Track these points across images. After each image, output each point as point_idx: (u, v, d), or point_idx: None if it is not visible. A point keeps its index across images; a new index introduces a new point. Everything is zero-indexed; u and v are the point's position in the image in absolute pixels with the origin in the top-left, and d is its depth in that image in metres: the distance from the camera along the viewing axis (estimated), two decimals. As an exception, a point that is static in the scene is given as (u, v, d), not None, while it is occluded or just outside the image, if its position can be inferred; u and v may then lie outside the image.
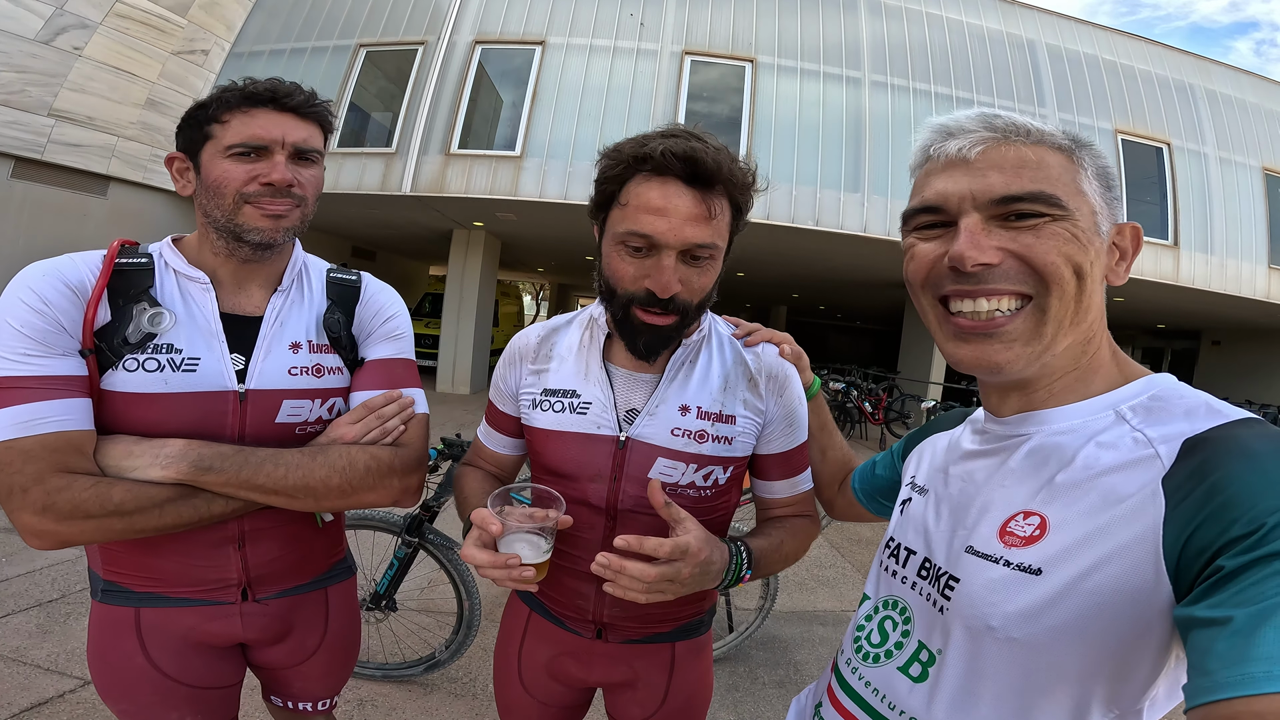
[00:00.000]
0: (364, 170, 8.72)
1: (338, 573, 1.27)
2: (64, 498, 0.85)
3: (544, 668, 1.16)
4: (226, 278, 1.05)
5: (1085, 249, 0.60)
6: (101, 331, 0.93)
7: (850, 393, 10.18)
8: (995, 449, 0.69)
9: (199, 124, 0.99)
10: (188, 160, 1.02)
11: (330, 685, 1.30)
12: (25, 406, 0.86)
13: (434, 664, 2.48)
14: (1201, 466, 0.51)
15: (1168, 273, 9.63)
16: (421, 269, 18.54)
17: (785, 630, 3.22)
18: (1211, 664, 0.42)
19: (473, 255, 10.91)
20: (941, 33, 9.60)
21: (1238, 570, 0.45)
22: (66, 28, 7.45)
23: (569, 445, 1.03)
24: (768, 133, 8.77)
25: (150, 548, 1.02)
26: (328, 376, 1.10)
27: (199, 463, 0.93)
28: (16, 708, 2.09)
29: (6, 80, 6.96)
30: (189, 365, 0.97)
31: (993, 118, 0.63)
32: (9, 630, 2.55)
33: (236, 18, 9.50)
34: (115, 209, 8.22)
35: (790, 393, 1.08)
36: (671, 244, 0.88)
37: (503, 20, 9.26)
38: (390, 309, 1.19)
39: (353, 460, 1.02)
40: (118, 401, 0.94)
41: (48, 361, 0.88)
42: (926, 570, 0.70)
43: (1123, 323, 17.32)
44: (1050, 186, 0.60)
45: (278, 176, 0.99)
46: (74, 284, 0.92)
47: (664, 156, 0.86)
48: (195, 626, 1.08)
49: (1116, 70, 10.06)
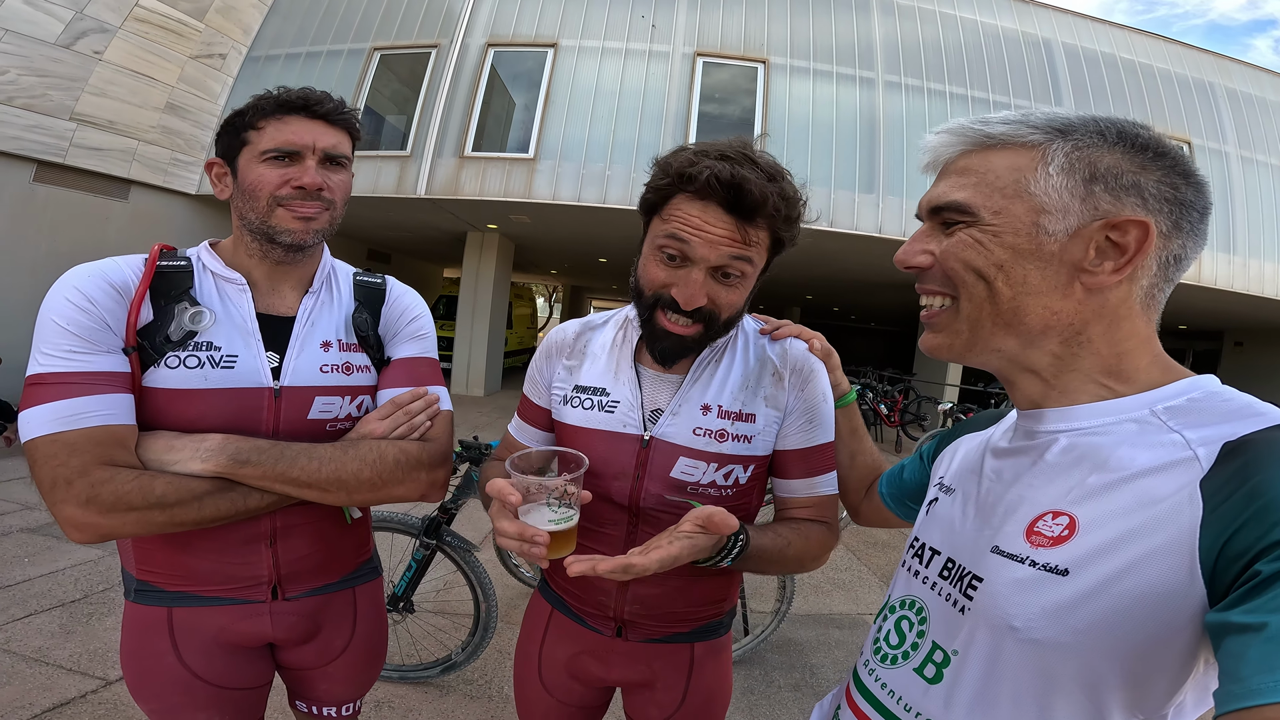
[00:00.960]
0: (379, 173, 8.78)
1: (365, 573, 1.29)
2: (107, 490, 0.87)
3: (564, 666, 1.17)
4: (261, 279, 1.09)
5: (989, 254, 0.61)
6: (144, 330, 0.97)
7: (865, 395, 10.12)
8: (1026, 447, 0.67)
9: (236, 130, 1.03)
10: (225, 165, 1.06)
11: (354, 689, 1.31)
12: (69, 401, 0.88)
13: (450, 666, 2.48)
14: (1242, 470, 0.50)
15: (1189, 273, 9.44)
16: (436, 271, 18.65)
17: (801, 633, 3.19)
18: (1245, 670, 0.41)
19: (487, 257, 10.96)
20: (956, 32, 9.53)
21: (1276, 575, 0.43)
22: (86, 32, 7.52)
23: (596, 442, 1.05)
24: (781, 134, 8.73)
25: (184, 546, 1.05)
26: (356, 374, 1.13)
27: (237, 456, 0.95)
28: (39, 708, 2.11)
29: (28, 84, 7.03)
30: (227, 362, 1.01)
31: (963, 128, 0.65)
32: (31, 630, 2.58)
33: (253, 21, 9.59)
34: (136, 212, 8.31)
35: (814, 388, 1.07)
36: (703, 259, 0.90)
37: (515, 23, 9.29)
38: (414, 310, 1.24)
39: (382, 454, 1.05)
40: (159, 398, 0.97)
41: (92, 358, 0.91)
42: (949, 570, 0.69)
43: (1142, 323, 17.07)
44: (969, 194, 0.62)
45: (308, 180, 1.03)
46: (118, 284, 0.96)
47: (708, 182, 0.86)
48: (226, 626, 1.10)
49: (1135, 69, 9.94)
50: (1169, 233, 0.59)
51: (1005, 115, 0.63)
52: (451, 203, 8.83)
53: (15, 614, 2.68)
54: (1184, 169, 0.59)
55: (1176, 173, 0.59)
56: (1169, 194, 0.58)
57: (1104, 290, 0.60)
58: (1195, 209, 0.59)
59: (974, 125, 0.64)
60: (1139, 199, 0.58)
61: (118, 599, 2.92)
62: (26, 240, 7.16)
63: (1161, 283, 0.61)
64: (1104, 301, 0.60)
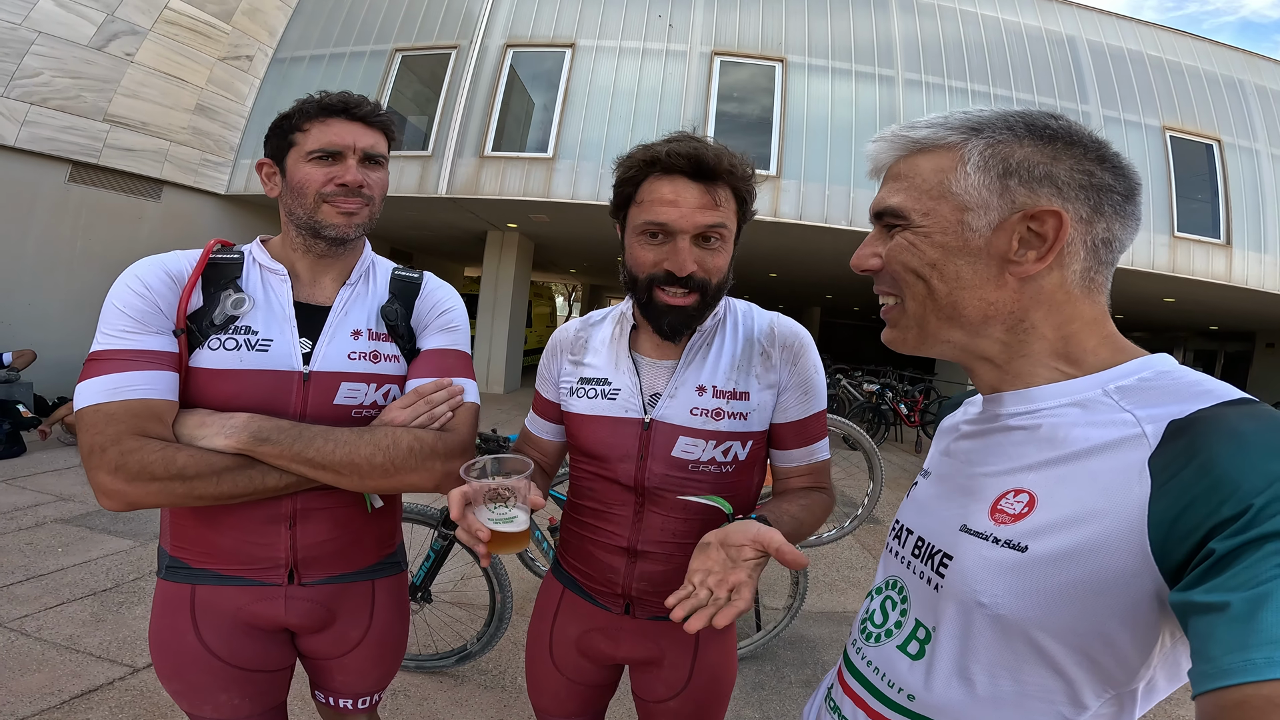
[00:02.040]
0: (402, 173, 8.90)
1: (386, 567, 1.30)
2: (134, 459, 0.93)
3: (574, 644, 1.23)
4: (304, 271, 1.16)
5: (922, 254, 0.65)
6: (194, 315, 1.05)
7: (885, 395, 10.06)
8: (989, 429, 0.70)
9: (284, 133, 1.11)
10: (275, 165, 1.14)
11: (371, 683, 1.32)
12: (115, 376, 0.96)
13: (466, 656, 2.54)
14: (1188, 447, 0.51)
15: (1220, 272, 9.30)
16: (457, 270, 18.82)
17: (814, 630, 3.20)
18: (1214, 650, 0.43)
19: (507, 256, 11.06)
20: (977, 29, 9.42)
21: (1230, 553, 0.45)
22: (118, 34, 7.69)
23: (601, 428, 1.13)
24: (799, 132, 8.70)
25: (211, 523, 1.10)
26: (384, 363, 1.17)
27: (258, 434, 1.01)
28: (67, 694, 2.18)
29: (62, 86, 7.20)
30: (262, 345, 1.07)
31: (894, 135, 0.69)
32: (63, 618, 2.66)
33: (278, 24, 9.75)
34: (168, 212, 8.50)
35: (805, 361, 1.13)
36: (684, 229, 0.99)
37: (533, 23, 9.36)
38: (447, 303, 1.27)
39: (397, 440, 1.07)
40: (201, 377, 1.05)
41: (142, 337, 0.99)
42: (920, 549, 0.72)
43: (1174, 324, 16.75)
44: (901, 199, 0.67)
45: (350, 178, 1.10)
46: (174, 272, 1.05)
47: (670, 157, 0.98)
48: (243, 606, 1.13)
49: (1163, 66, 9.75)
50: (1089, 218, 0.61)
51: (930, 119, 0.67)
52: (472, 202, 8.93)
53: (48, 602, 2.77)
54: (1099, 154, 0.62)
55: (1090, 159, 0.61)
56: (1083, 180, 0.61)
57: (1035, 278, 0.62)
58: (1116, 192, 0.61)
59: (901, 131, 0.68)
60: (1053, 188, 0.61)
61: (148, 588, 3.01)
62: (62, 240, 7.35)
63: (1097, 265, 0.63)
64: (1039, 289, 0.63)
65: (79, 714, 2.08)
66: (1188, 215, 9.32)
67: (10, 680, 2.20)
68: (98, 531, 3.64)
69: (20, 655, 2.36)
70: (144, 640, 2.55)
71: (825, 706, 0.83)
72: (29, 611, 2.67)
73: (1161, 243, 9.11)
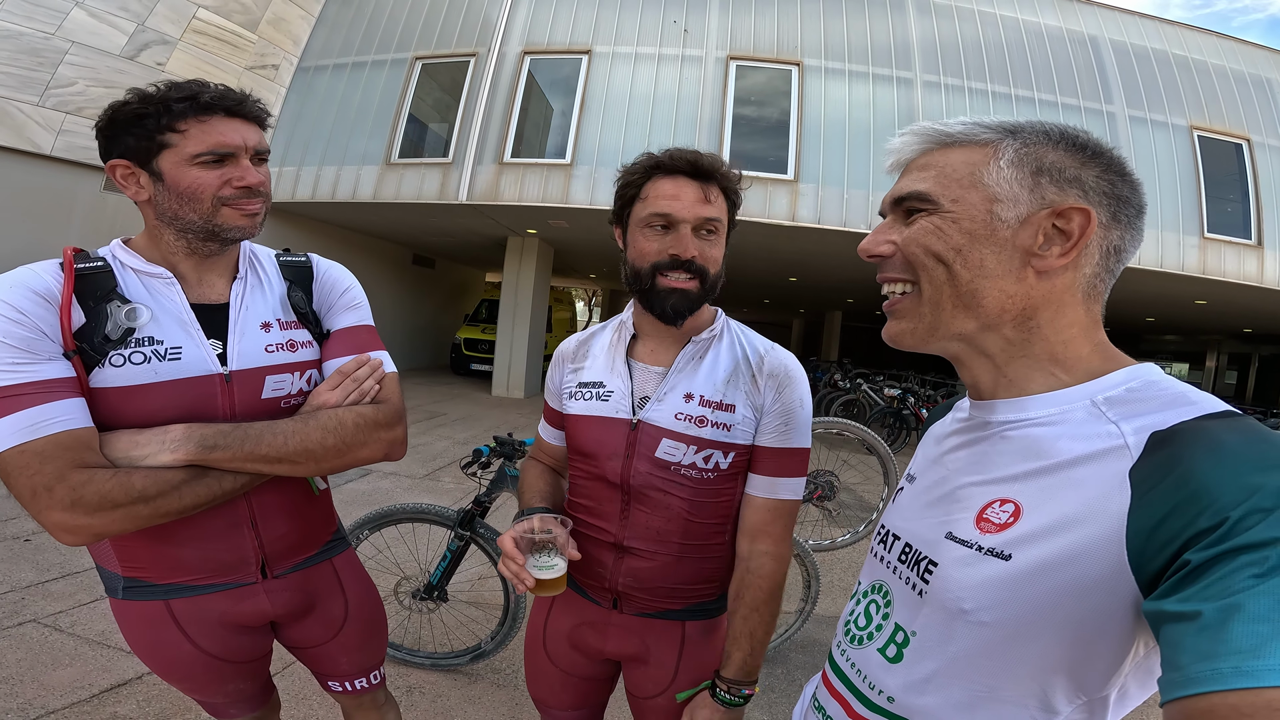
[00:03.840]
0: (423, 180, 9.02)
1: (337, 544, 1.36)
2: (90, 490, 0.90)
3: (566, 637, 1.29)
4: (188, 272, 1.10)
5: (948, 239, 0.66)
6: (79, 333, 0.97)
7: (907, 400, 9.96)
8: (979, 437, 0.71)
9: (147, 132, 1.00)
10: (135, 167, 1.03)
11: (371, 655, 1.39)
12: (25, 412, 0.89)
13: (480, 654, 2.57)
14: (1168, 459, 0.52)
15: (1252, 274, 9.07)
16: (478, 276, 19.00)
17: (826, 634, 3.19)
18: (1183, 659, 0.43)
19: (527, 262, 11.15)
20: (996, 30, 9.32)
21: (1205, 564, 0.46)
22: (149, 44, 7.88)
23: (593, 427, 1.20)
24: (817, 136, 8.68)
25: (168, 538, 1.08)
26: (301, 350, 1.18)
27: (204, 442, 0.99)
28: (97, 688, 2.24)
29: (96, 95, 7.40)
30: (173, 354, 1.03)
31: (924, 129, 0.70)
32: (96, 615, 2.73)
33: (302, 33, 9.94)
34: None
35: (790, 394, 1.17)
36: (687, 219, 1.10)
37: (549, 30, 9.45)
38: (344, 282, 1.28)
39: (341, 420, 1.10)
40: (111, 396, 0.98)
41: (38, 367, 0.92)
42: (906, 554, 0.73)
43: (1206, 327, 16.37)
44: (929, 184, 0.67)
45: (253, 180, 1.06)
46: (41, 291, 0.95)
47: (672, 160, 1.12)
48: (228, 610, 1.16)
49: (1189, 66, 9.56)
50: (1108, 223, 0.64)
51: (962, 119, 0.69)
52: (491, 208, 9.02)
53: (82, 599, 2.85)
54: (1120, 168, 0.64)
55: (1113, 170, 0.64)
56: (1107, 188, 0.63)
57: (1052, 275, 0.64)
58: (1131, 205, 0.64)
59: (934, 126, 0.70)
60: (1080, 191, 0.63)
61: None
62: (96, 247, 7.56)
63: (1103, 273, 0.65)
64: (1052, 287, 0.64)
65: (108, 708, 2.15)
66: (1218, 216, 9.12)
67: (43, 674, 2.28)
68: (128, 530, 3.73)
69: (53, 650, 2.44)
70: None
71: (811, 706, 0.84)
72: (63, 608, 2.76)
73: (1191, 244, 8.92)
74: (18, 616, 2.65)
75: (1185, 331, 18.47)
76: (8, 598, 2.79)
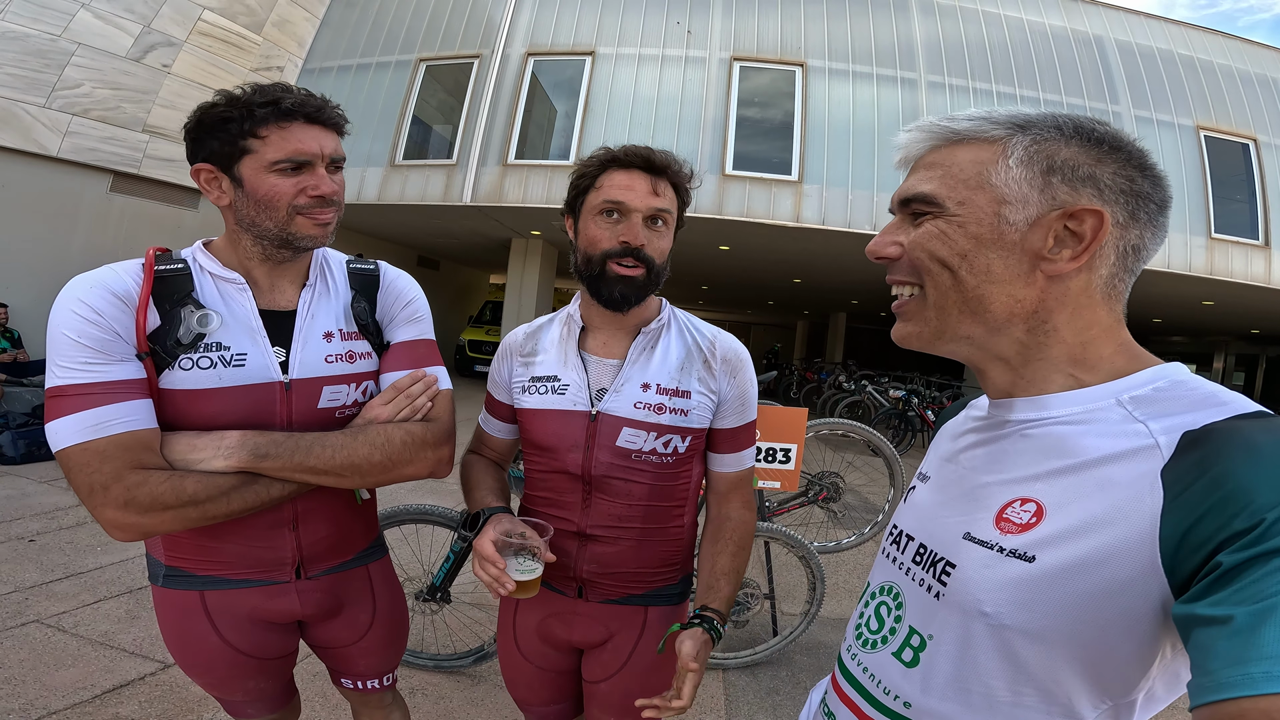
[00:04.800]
0: (427, 182, 9.04)
1: (375, 551, 1.37)
2: (143, 492, 0.93)
3: (535, 630, 1.31)
4: (261, 278, 1.12)
5: (953, 243, 0.63)
6: (153, 335, 1.00)
7: (912, 401, 9.92)
8: (997, 436, 0.69)
9: (231, 137, 1.01)
10: (218, 171, 1.05)
11: (389, 659, 1.40)
12: (93, 411, 0.92)
13: (483, 656, 2.57)
14: (1202, 460, 0.50)
15: (1259, 275, 9.03)
16: (483, 277, 19.02)
17: (831, 636, 3.18)
18: (1213, 663, 0.42)
19: (531, 264, 11.16)
20: (1000, 31, 9.30)
21: (1238, 567, 0.44)
22: (155, 45, 7.86)
23: (551, 421, 1.22)
24: (820, 136, 8.66)
25: (212, 533, 1.10)
26: (359, 361, 1.18)
27: (256, 450, 1.01)
28: (99, 689, 2.24)
29: (103, 97, 7.39)
30: (238, 361, 1.05)
31: (931, 125, 0.67)
32: (99, 615, 2.74)
33: (306, 35, 9.93)
34: (205, 221, 8.67)
35: (743, 376, 1.26)
36: (638, 208, 1.15)
37: (553, 32, 9.46)
38: (409, 294, 1.28)
39: (390, 437, 1.11)
40: (177, 398, 1.02)
41: (109, 367, 0.95)
42: (921, 556, 0.71)
43: (1214, 328, 16.30)
44: (935, 186, 0.65)
45: (327, 189, 1.06)
46: (120, 293, 0.98)
47: (626, 155, 1.17)
48: (259, 606, 1.18)
49: (1194, 65, 9.53)
50: (1125, 222, 0.61)
51: (971, 113, 0.65)
52: (496, 210, 9.03)
53: (85, 599, 2.85)
54: (1140, 162, 0.61)
55: (1132, 165, 0.61)
56: (1124, 185, 0.60)
57: (1064, 278, 0.61)
58: (1153, 201, 0.61)
59: (941, 122, 0.67)
60: (1095, 190, 0.60)
61: (178, 584, 3.09)
62: (105, 249, 7.54)
63: (1122, 273, 0.63)
64: (1065, 290, 0.62)
65: (109, 708, 2.14)
66: (1225, 216, 9.07)
67: (45, 675, 2.28)
68: (132, 531, 3.74)
69: (56, 650, 2.44)
70: (174, 637, 2.62)
71: (821, 711, 0.82)
72: (67, 608, 2.76)
73: (1199, 244, 8.88)
74: (21, 617, 2.65)
75: (1192, 332, 18.39)
76: (11, 598, 2.80)
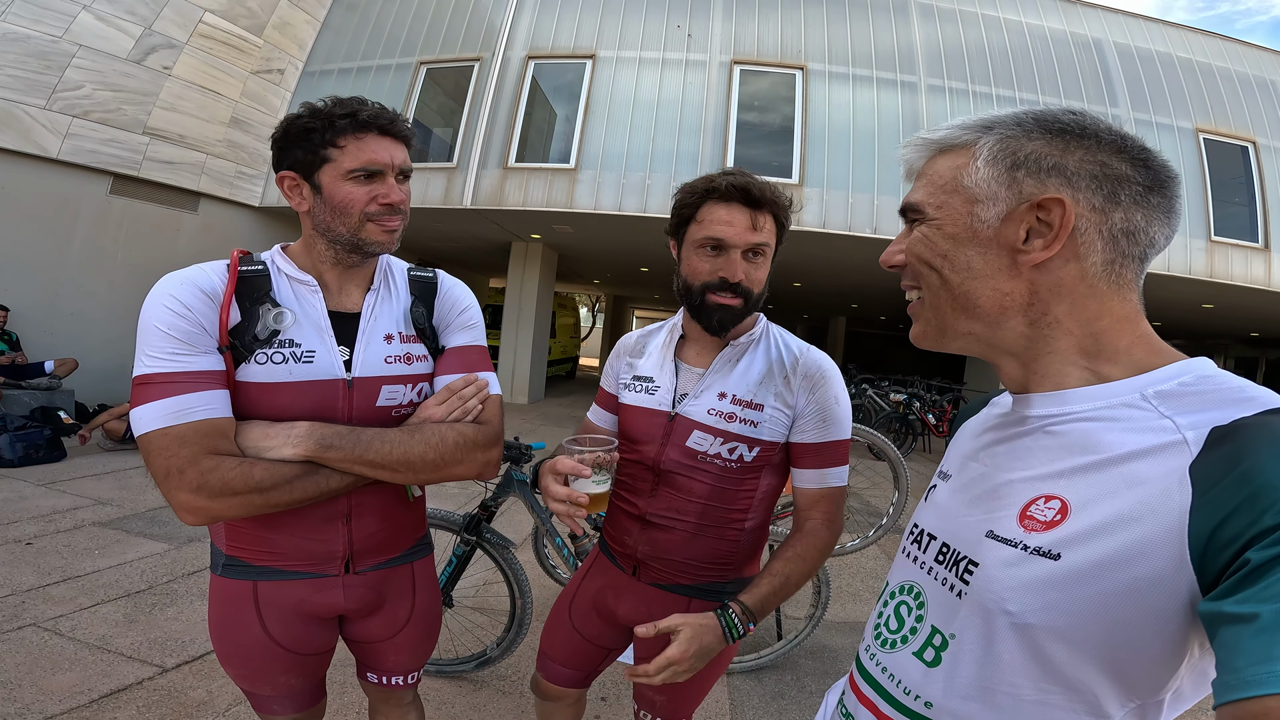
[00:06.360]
0: (427, 184, 9.03)
1: (421, 548, 1.41)
2: (215, 477, 0.99)
3: (592, 597, 1.46)
4: (332, 281, 1.20)
5: (934, 245, 0.68)
6: (234, 330, 1.08)
7: (913, 405, 9.92)
8: (1019, 432, 0.68)
9: (313, 146, 1.09)
10: (300, 179, 1.13)
11: (419, 657, 1.43)
12: (176, 399, 0.99)
13: (485, 660, 2.55)
14: (1231, 455, 0.49)
15: (1259, 277, 9.04)
16: (483, 281, 19.01)
17: (836, 640, 3.16)
18: (1239, 661, 0.42)
19: (531, 267, 11.15)
20: (1000, 34, 9.32)
21: (1266, 564, 0.43)
22: (155, 47, 7.89)
23: (639, 417, 1.38)
24: (821, 140, 8.67)
25: (270, 524, 1.17)
26: (416, 364, 1.25)
27: (323, 441, 1.07)
28: (96, 693, 2.22)
29: (103, 99, 7.42)
30: (307, 357, 1.12)
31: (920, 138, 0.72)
32: (97, 619, 2.72)
33: (307, 37, 9.98)
34: (205, 223, 8.71)
35: (825, 392, 1.27)
36: (737, 244, 1.21)
37: (553, 35, 9.47)
38: (464, 301, 1.35)
39: (443, 437, 1.17)
40: (251, 390, 1.09)
41: (193, 358, 1.02)
42: (944, 555, 0.70)
43: (1214, 330, 16.30)
44: (920, 195, 0.70)
45: (396, 198, 1.14)
46: (207, 290, 1.07)
47: (728, 189, 1.21)
48: (305, 598, 1.22)
49: (1193, 68, 9.55)
50: (1103, 207, 0.61)
51: (951, 122, 0.69)
52: (496, 213, 9.03)
53: (83, 603, 2.84)
54: (1116, 147, 0.61)
55: (1104, 150, 0.61)
56: (1094, 170, 0.61)
57: (1051, 269, 0.63)
58: (1136, 182, 0.61)
59: (925, 135, 0.72)
60: (1062, 178, 0.61)
61: (181, 590, 3.08)
62: (104, 251, 7.58)
63: (1121, 258, 0.62)
64: (1057, 280, 0.63)
65: (106, 713, 2.13)
66: (1224, 219, 9.08)
67: (42, 679, 2.26)
68: (134, 535, 3.74)
69: (53, 654, 2.42)
70: (174, 641, 2.61)
71: (838, 713, 0.81)
72: (64, 612, 2.74)
73: (1198, 247, 8.89)
74: (17, 620, 2.63)
75: (1192, 335, 18.39)
76: (8, 601, 2.78)
